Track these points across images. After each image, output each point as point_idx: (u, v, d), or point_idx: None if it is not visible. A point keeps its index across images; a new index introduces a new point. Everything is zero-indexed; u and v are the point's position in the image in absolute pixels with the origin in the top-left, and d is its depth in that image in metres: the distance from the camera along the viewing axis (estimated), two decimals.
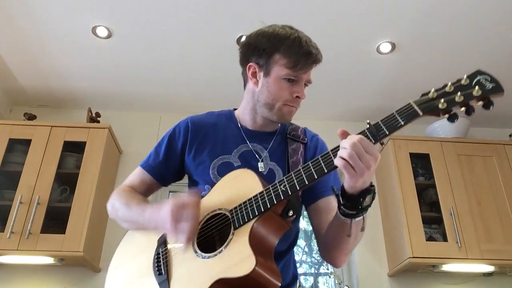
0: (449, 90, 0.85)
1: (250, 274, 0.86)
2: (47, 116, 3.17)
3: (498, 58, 2.72)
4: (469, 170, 2.86)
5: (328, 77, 2.92)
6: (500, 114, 3.33)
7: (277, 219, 0.97)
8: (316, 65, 1.17)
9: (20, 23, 2.51)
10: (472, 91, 0.83)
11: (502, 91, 0.83)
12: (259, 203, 0.95)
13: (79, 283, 2.68)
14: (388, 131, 0.87)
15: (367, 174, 0.86)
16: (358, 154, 0.84)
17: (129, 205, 1.13)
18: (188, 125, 1.26)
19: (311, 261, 3.58)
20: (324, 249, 1.13)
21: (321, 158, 0.91)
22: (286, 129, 1.28)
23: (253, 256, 0.88)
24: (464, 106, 0.84)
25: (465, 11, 2.39)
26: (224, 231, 1.00)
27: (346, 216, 0.95)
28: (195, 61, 2.81)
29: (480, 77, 0.85)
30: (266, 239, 0.96)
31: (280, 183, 0.95)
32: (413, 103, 0.87)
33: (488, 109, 0.84)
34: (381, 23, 2.50)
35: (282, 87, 1.15)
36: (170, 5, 2.39)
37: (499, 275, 2.83)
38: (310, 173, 0.91)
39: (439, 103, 0.84)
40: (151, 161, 1.26)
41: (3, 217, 2.50)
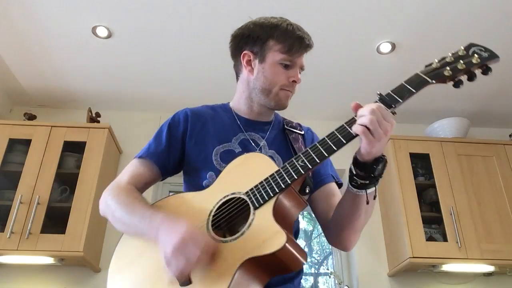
0: (449, 60, 0.94)
1: (281, 249, 0.84)
2: (47, 116, 3.17)
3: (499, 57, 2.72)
4: (469, 170, 2.87)
5: (328, 77, 2.92)
6: (500, 114, 3.33)
7: (296, 196, 0.98)
8: (308, 50, 1.21)
9: (20, 23, 2.51)
10: (472, 59, 0.93)
11: (497, 57, 0.94)
12: (277, 180, 0.95)
13: (79, 283, 2.68)
14: (400, 99, 0.92)
15: (384, 140, 0.89)
16: (377, 120, 0.87)
17: (132, 208, 1.05)
18: (187, 114, 1.26)
19: (311, 261, 3.58)
20: (334, 232, 1.12)
21: (337, 131, 0.93)
22: (281, 122, 1.31)
23: (282, 231, 0.86)
24: (467, 73, 0.93)
25: (465, 11, 2.40)
26: (241, 214, 0.98)
27: (360, 188, 0.96)
28: (195, 61, 2.81)
29: (474, 48, 0.95)
30: (288, 216, 0.96)
31: (297, 159, 0.96)
32: (420, 73, 0.94)
33: (487, 74, 0.94)
34: (381, 23, 2.50)
35: (278, 72, 1.18)
36: (170, 5, 2.39)
37: (499, 275, 2.83)
38: (328, 146, 0.93)
39: (445, 71, 0.92)
40: (152, 149, 1.21)
41: (3, 217, 2.50)
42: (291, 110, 1.32)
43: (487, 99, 3.14)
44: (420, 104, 3.18)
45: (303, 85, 1.18)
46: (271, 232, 0.88)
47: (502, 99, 3.14)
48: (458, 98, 3.13)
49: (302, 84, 1.30)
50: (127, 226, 1.06)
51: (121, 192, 1.11)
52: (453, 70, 0.92)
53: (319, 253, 3.69)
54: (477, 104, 3.20)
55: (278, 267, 0.90)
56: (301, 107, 3.23)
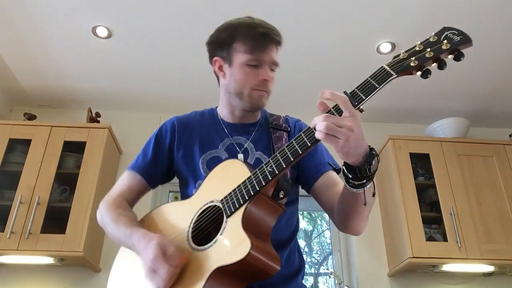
0: (419, 48, 0.89)
1: (246, 257, 0.84)
2: (47, 116, 3.17)
3: (499, 57, 2.72)
4: (469, 170, 2.86)
5: (328, 77, 2.92)
6: (500, 114, 3.33)
7: (268, 202, 0.97)
8: (276, 46, 1.19)
9: (20, 23, 2.51)
10: (441, 45, 0.87)
11: (470, 41, 0.86)
12: (248, 187, 0.95)
13: (79, 283, 2.68)
14: (364, 96, 0.87)
15: (353, 136, 0.83)
16: (333, 122, 0.82)
17: (118, 224, 1.11)
18: (174, 124, 1.28)
19: (311, 261, 3.57)
20: (342, 222, 1.12)
21: (303, 133, 0.90)
22: (267, 120, 1.30)
23: (247, 239, 0.87)
24: (435, 61, 0.87)
25: (465, 11, 2.40)
26: (218, 222, 0.99)
27: (358, 187, 0.93)
28: (195, 61, 2.80)
29: (447, 32, 0.89)
30: (260, 222, 0.95)
31: (267, 165, 0.95)
32: (386, 66, 0.89)
33: (459, 60, 0.86)
34: (381, 23, 2.50)
35: (246, 73, 1.17)
36: (170, 5, 2.39)
37: (499, 275, 2.83)
38: (294, 149, 0.90)
39: (411, 62, 0.87)
40: (139, 161, 1.26)
41: (3, 217, 2.50)
42: (291, 110, 1.33)
43: (487, 99, 3.14)
44: (420, 104, 3.18)
45: (303, 85, 1.18)
46: (238, 240, 0.89)
47: (502, 99, 3.14)
48: (458, 98, 3.13)
49: (302, 84, 1.30)
50: (117, 240, 1.12)
51: (110, 207, 1.17)
52: (419, 60, 0.86)
53: (319, 253, 3.69)
54: (477, 104, 3.20)
55: (249, 274, 0.90)
56: (301, 107, 3.23)
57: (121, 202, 1.19)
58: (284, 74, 2.67)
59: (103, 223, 1.16)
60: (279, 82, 1.41)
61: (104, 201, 1.20)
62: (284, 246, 1.13)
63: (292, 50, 2.66)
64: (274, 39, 1.18)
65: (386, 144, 2.99)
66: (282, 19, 2.45)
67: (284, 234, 1.15)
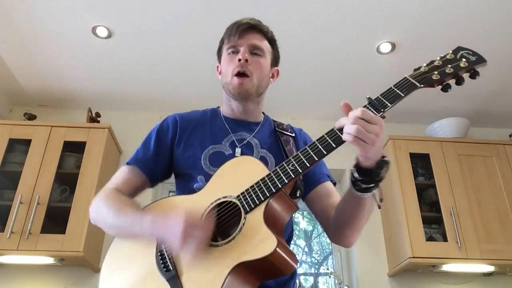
0: (438, 64, 0.96)
1: (272, 254, 0.85)
2: (47, 116, 3.17)
3: (499, 57, 2.72)
4: (469, 170, 2.87)
5: (328, 77, 2.92)
6: (500, 114, 3.33)
7: (287, 200, 0.98)
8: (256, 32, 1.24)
9: (20, 23, 2.51)
10: (460, 63, 0.94)
11: (485, 61, 0.94)
12: (268, 184, 0.96)
13: (79, 283, 2.68)
14: (389, 102, 0.92)
15: (378, 143, 0.87)
16: (363, 126, 0.85)
17: (123, 211, 1.05)
18: (176, 120, 1.27)
19: (311, 261, 3.58)
20: (336, 230, 1.13)
21: (327, 135, 0.94)
22: (272, 124, 1.31)
23: (273, 236, 0.87)
24: (454, 77, 0.94)
25: (465, 11, 2.40)
26: (232, 218, 0.99)
27: (364, 191, 0.95)
28: (195, 61, 2.81)
29: (462, 52, 0.96)
30: (279, 220, 0.97)
31: (288, 163, 0.96)
32: (409, 77, 0.95)
33: (474, 78, 0.94)
34: (381, 23, 2.50)
35: (227, 62, 1.23)
36: (170, 5, 2.39)
37: (499, 275, 2.83)
38: (318, 150, 0.93)
39: (433, 75, 0.94)
40: (140, 156, 1.22)
41: (3, 217, 2.50)
42: (292, 110, 1.33)
43: (487, 99, 3.14)
44: (420, 104, 3.18)
45: (303, 85, 1.18)
46: (262, 236, 0.89)
47: (502, 99, 3.14)
48: (458, 98, 3.13)
49: (302, 84, 1.31)
50: (120, 231, 1.07)
51: (110, 198, 1.12)
52: (441, 74, 0.93)
53: (319, 253, 3.69)
54: (477, 104, 3.20)
55: (269, 271, 0.90)
56: (301, 107, 3.23)
57: (120, 194, 1.14)
58: (284, 74, 2.67)
59: (101, 215, 1.10)
60: (279, 82, 1.41)
61: (98, 197, 1.14)
62: None
63: (292, 50, 2.66)
64: (250, 24, 1.23)
65: (386, 144, 2.99)
66: (282, 19, 2.45)
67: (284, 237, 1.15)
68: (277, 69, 1.34)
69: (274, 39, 1.30)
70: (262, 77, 1.22)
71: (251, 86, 1.19)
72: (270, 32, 1.28)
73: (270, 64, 1.27)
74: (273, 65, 1.31)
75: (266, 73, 1.24)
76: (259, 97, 1.26)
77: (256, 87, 1.21)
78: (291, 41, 2.60)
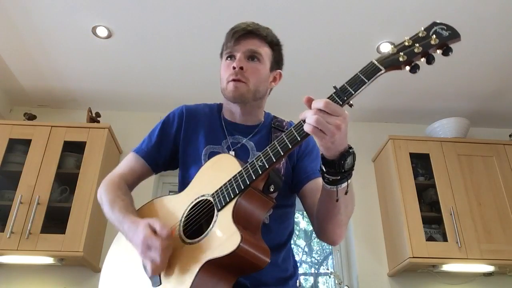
0: (408, 44, 0.89)
1: (236, 250, 0.86)
2: (47, 116, 3.17)
3: (499, 57, 2.72)
4: (469, 170, 2.86)
5: (328, 77, 2.91)
6: (500, 114, 3.33)
7: (259, 196, 0.99)
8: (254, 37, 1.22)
9: (20, 23, 2.51)
10: (430, 40, 0.86)
11: (458, 36, 0.85)
12: (238, 181, 0.97)
13: (79, 283, 2.68)
14: (353, 90, 0.88)
15: (338, 135, 0.85)
16: (324, 117, 0.85)
17: (113, 207, 1.12)
18: (182, 112, 1.30)
19: (311, 261, 3.58)
20: (319, 226, 1.13)
21: (293, 128, 0.93)
22: (270, 122, 1.31)
23: (237, 232, 0.88)
24: (424, 56, 0.87)
25: (465, 11, 2.39)
26: (209, 216, 1.00)
27: (332, 184, 0.95)
28: (195, 61, 2.81)
29: (436, 27, 0.88)
30: (251, 216, 0.97)
31: (257, 159, 0.96)
32: (375, 61, 0.90)
33: (447, 55, 0.86)
34: (381, 23, 2.50)
35: (224, 67, 1.24)
36: (170, 5, 2.39)
37: (499, 275, 2.83)
38: (284, 144, 0.92)
39: (400, 57, 0.88)
40: (144, 145, 1.28)
41: (3, 217, 2.50)
42: (292, 110, 1.32)
43: (487, 99, 3.14)
44: (420, 104, 3.18)
45: (302, 85, 1.18)
46: (228, 233, 0.91)
47: (502, 99, 3.14)
48: (458, 98, 3.13)
49: (302, 84, 1.30)
50: (111, 222, 1.14)
51: (109, 188, 1.19)
52: (408, 55, 0.87)
53: (319, 253, 3.69)
54: (477, 104, 3.20)
55: (240, 266, 0.91)
56: (302, 107, 3.23)
57: (121, 184, 1.21)
58: (284, 74, 2.66)
59: (101, 201, 1.18)
60: (279, 82, 1.41)
61: (105, 180, 1.22)
62: (280, 249, 1.14)
63: (292, 50, 2.66)
64: (246, 30, 1.22)
65: (386, 144, 2.99)
66: (282, 19, 2.45)
67: (281, 237, 1.16)
68: (280, 72, 1.32)
69: (275, 41, 1.28)
70: (259, 83, 1.22)
71: (247, 91, 1.19)
72: (271, 36, 1.27)
73: (269, 68, 1.26)
74: (274, 68, 1.29)
75: (263, 78, 1.23)
76: (257, 101, 1.26)
77: (253, 92, 1.21)
78: (290, 41, 2.59)
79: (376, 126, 3.36)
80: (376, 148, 3.16)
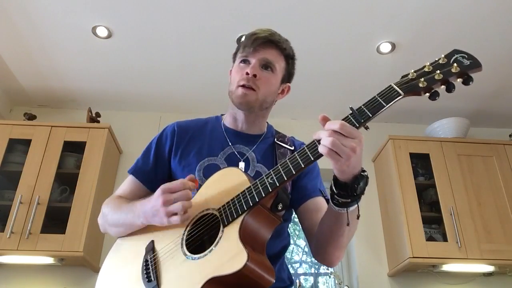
0: (428, 70, 0.88)
1: (242, 269, 0.84)
2: (47, 116, 3.17)
3: (499, 57, 2.72)
4: (469, 170, 2.86)
5: (328, 77, 2.92)
6: (500, 114, 3.33)
7: (266, 213, 0.96)
8: (273, 47, 1.22)
9: (20, 23, 2.51)
10: (451, 68, 0.85)
11: (480, 66, 0.85)
12: (247, 198, 0.94)
13: (79, 283, 2.68)
14: (371, 113, 0.86)
15: (354, 158, 0.84)
16: (339, 139, 0.82)
17: (120, 207, 1.13)
18: (174, 129, 1.27)
19: (311, 261, 3.58)
20: (318, 247, 1.11)
21: (307, 147, 0.90)
22: (273, 136, 1.29)
23: (244, 251, 0.86)
24: (444, 84, 0.86)
25: (465, 11, 2.39)
26: (213, 231, 0.98)
27: (341, 206, 0.93)
28: (195, 61, 2.81)
29: (457, 56, 0.87)
30: (257, 234, 0.95)
31: (267, 176, 0.94)
32: (394, 85, 0.88)
33: (468, 84, 0.86)
34: (381, 23, 2.50)
35: (237, 70, 1.23)
36: (170, 5, 2.39)
37: (499, 275, 2.83)
38: (297, 163, 0.90)
39: (419, 82, 0.86)
40: (140, 166, 1.26)
41: (3, 217, 2.51)
42: (292, 110, 1.32)
43: (487, 99, 3.14)
44: (420, 104, 3.18)
45: (303, 86, 1.18)
46: (234, 251, 0.88)
47: (502, 99, 3.14)
48: (458, 98, 3.12)
49: (302, 85, 1.30)
50: (119, 225, 1.12)
51: (111, 200, 1.20)
52: (428, 81, 0.86)
53: None
54: (477, 104, 3.20)
55: (244, 286, 0.89)
56: (302, 107, 3.23)
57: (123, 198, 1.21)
58: None
59: (104, 217, 1.17)
60: None
61: (104, 203, 1.22)
62: (274, 260, 1.12)
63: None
64: (265, 38, 1.20)
65: (386, 144, 2.99)
66: (282, 20, 2.45)
67: (275, 249, 1.15)
68: (289, 85, 1.31)
69: (291, 55, 1.28)
70: (268, 93, 1.21)
71: (255, 100, 1.18)
72: (289, 49, 1.26)
73: (280, 81, 1.25)
74: (285, 81, 1.28)
75: (273, 90, 1.23)
76: (263, 111, 1.25)
77: (260, 102, 1.20)
78: (290, 41, 2.60)
79: (376, 126, 3.34)
80: (376, 148, 3.16)
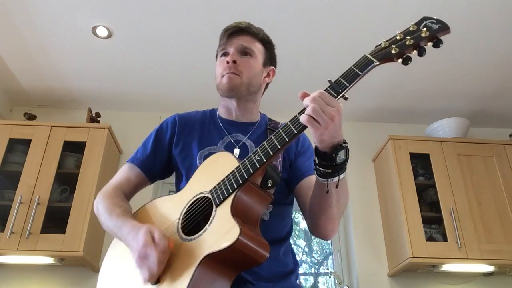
0: (399, 37, 0.93)
1: (235, 243, 0.86)
2: (47, 116, 3.17)
3: (498, 57, 2.72)
4: (469, 170, 2.86)
5: (328, 77, 2.91)
6: (500, 114, 3.33)
7: (257, 190, 0.99)
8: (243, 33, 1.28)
9: (20, 23, 2.51)
10: (420, 33, 0.91)
11: (448, 28, 0.92)
12: (236, 176, 0.97)
13: (79, 283, 2.68)
14: (348, 83, 0.91)
15: (332, 126, 0.87)
16: (320, 106, 0.86)
17: (111, 215, 1.13)
18: (175, 120, 1.32)
19: (311, 261, 3.58)
20: (312, 221, 1.14)
21: (290, 122, 0.94)
22: (266, 122, 1.33)
23: (236, 225, 0.88)
24: (416, 49, 0.91)
25: (465, 12, 2.39)
26: (208, 212, 1.01)
27: (324, 177, 0.96)
28: (195, 61, 2.81)
29: (426, 22, 0.94)
30: (249, 210, 0.97)
31: (255, 154, 0.97)
32: (368, 54, 0.95)
33: (438, 47, 0.92)
34: (380, 23, 2.50)
35: (219, 64, 1.29)
36: (170, 5, 2.39)
37: (499, 275, 2.83)
38: (281, 137, 0.93)
39: (392, 49, 0.92)
40: (139, 155, 1.29)
41: (3, 217, 2.50)
42: (292, 110, 1.32)
43: (487, 99, 3.14)
44: (420, 104, 3.18)
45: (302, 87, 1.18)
46: (227, 227, 0.90)
47: (502, 99, 3.14)
48: (458, 98, 3.13)
49: (302, 86, 1.31)
50: (109, 231, 1.15)
51: (106, 197, 1.20)
52: (400, 47, 0.91)
53: (319, 253, 3.69)
54: (477, 104, 3.20)
55: (239, 261, 0.91)
56: (299, 108, 3.23)
57: (117, 193, 1.22)
58: (283, 76, 2.66)
59: (98, 212, 1.18)
60: (278, 83, 1.42)
61: (101, 191, 1.23)
62: (279, 244, 1.15)
63: (292, 52, 2.66)
64: (238, 27, 1.27)
65: (386, 144, 2.99)
66: (282, 21, 2.45)
67: (280, 233, 1.17)
68: (273, 68, 1.36)
69: (267, 40, 1.33)
70: (251, 75, 1.25)
71: (240, 83, 1.23)
72: (262, 33, 1.31)
73: (262, 64, 1.30)
74: (267, 64, 1.33)
75: (256, 72, 1.27)
76: (251, 95, 1.28)
77: (246, 85, 1.24)
78: (289, 41, 2.60)
79: (376, 126, 3.36)
80: (376, 148, 3.16)
